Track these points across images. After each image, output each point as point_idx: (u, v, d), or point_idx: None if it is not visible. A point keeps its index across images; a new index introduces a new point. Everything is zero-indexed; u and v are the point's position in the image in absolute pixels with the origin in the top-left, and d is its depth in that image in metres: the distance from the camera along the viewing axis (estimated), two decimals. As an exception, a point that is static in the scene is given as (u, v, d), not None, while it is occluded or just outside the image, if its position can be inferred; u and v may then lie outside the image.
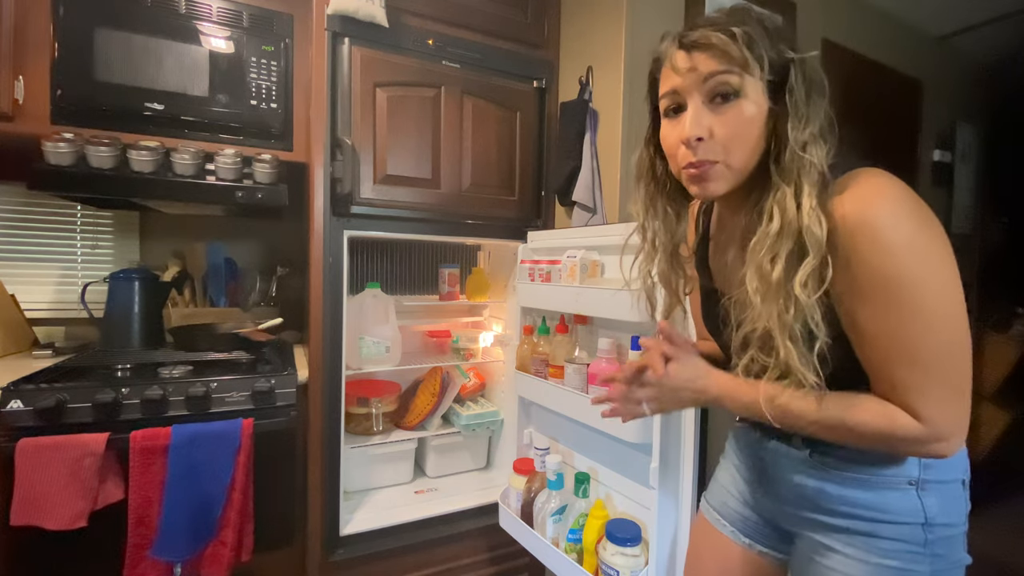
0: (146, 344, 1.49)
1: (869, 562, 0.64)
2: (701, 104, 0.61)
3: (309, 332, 1.31)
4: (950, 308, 0.54)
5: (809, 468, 0.69)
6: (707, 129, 0.61)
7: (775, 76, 0.59)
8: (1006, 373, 2.42)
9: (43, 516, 1.00)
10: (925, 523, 0.63)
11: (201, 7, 1.37)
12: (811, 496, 0.69)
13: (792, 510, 0.72)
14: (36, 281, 1.58)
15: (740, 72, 0.59)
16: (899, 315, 0.54)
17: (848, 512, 0.66)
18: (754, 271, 0.59)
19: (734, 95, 0.60)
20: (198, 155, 1.31)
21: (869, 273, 0.55)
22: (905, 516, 0.63)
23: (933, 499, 0.63)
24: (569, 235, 1.31)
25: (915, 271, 0.54)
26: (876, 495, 0.64)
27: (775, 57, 0.59)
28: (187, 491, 1.09)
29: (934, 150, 2.13)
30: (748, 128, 0.60)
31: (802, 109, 0.59)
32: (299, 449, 1.27)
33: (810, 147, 0.58)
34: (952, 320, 0.55)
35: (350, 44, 1.24)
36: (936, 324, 0.54)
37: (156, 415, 1.12)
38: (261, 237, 1.82)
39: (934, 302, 0.54)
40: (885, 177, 0.57)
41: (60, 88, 1.26)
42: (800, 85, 0.59)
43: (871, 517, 0.65)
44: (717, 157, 0.61)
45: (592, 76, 1.38)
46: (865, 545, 0.65)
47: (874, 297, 0.55)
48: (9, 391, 1.03)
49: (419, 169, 1.34)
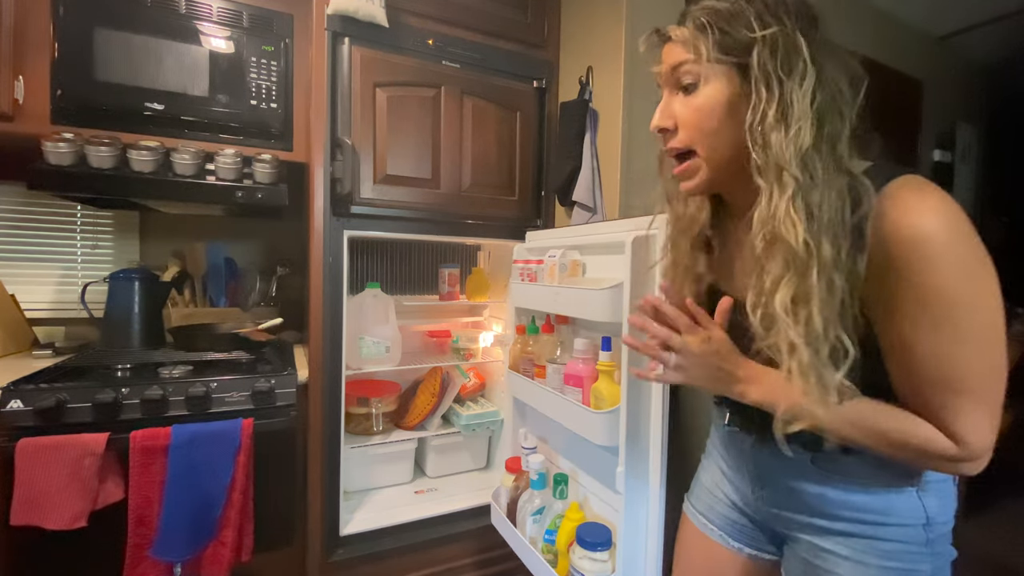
0: (146, 344, 1.49)
1: (871, 564, 0.63)
2: (669, 95, 0.62)
3: (309, 332, 1.31)
4: (998, 332, 0.52)
5: (809, 474, 0.67)
6: (671, 119, 0.61)
7: (737, 56, 0.56)
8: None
9: (43, 516, 1.00)
10: (927, 523, 0.63)
11: (201, 7, 1.37)
12: (811, 502, 0.68)
13: (790, 515, 0.71)
14: (36, 281, 1.58)
15: (696, 60, 0.58)
16: (953, 336, 0.51)
17: (850, 516, 0.65)
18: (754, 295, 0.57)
19: (694, 85, 0.59)
20: (198, 155, 1.31)
21: (922, 290, 0.51)
22: (907, 518, 0.63)
23: (932, 499, 0.63)
24: (563, 234, 1.30)
25: (970, 292, 0.51)
26: (878, 498, 0.64)
27: (733, 37, 0.56)
28: (187, 491, 1.09)
29: (934, 150, 2.13)
30: (709, 117, 0.58)
31: (762, 91, 0.54)
32: (299, 449, 1.27)
33: (774, 134, 0.53)
34: (999, 345, 0.52)
35: (350, 44, 1.24)
36: (986, 349, 0.52)
37: (156, 415, 1.11)
38: (261, 237, 1.82)
39: (984, 325, 0.51)
40: (935, 188, 0.53)
41: (60, 88, 1.26)
42: (765, 64, 0.54)
43: (873, 520, 0.64)
44: (685, 146, 0.61)
45: (592, 76, 1.38)
46: (867, 548, 0.64)
47: (924, 316, 0.51)
48: (9, 391, 1.03)
49: (419, 169, 1.34)
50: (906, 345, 0.54)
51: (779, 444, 0.60)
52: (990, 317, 0.51)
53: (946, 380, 0.53)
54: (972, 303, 0.51)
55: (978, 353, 0.52)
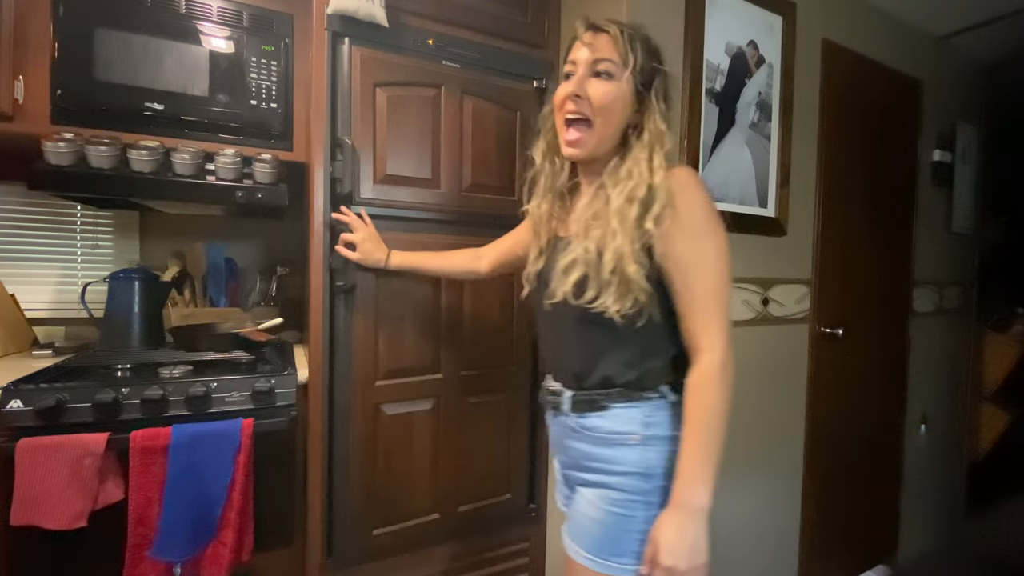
0: (146, 344, 1.49)
1: (601, 508, 0.81)
2: (585, 73, 0.80)
3: (309, 332, 1.31)
4: (727, 262, 0.77)
5: (575, 432, 0.86)
6: (585, 91, 0.79)
7: (645, 78, 0.80)
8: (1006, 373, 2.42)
9: (43, 516, 1.00)
10: (645, 473, 0.79)
11: (201, 7, 1.37)
12: (577, 456, 0.86)
13: (571, 472, 0.90)
14: (36, 281, 1.58)
15: (619, 62, 0.79)
16: (704, 241, 0.76)
17: (595, 467, 0.83)
18: (615, 209, 0.77)
19: (608, 76, 0.79)
20: (198, 155, 1.30)
21: (685, 212, 0.75)
22: (630, 466, 0.80)
23: (652, 453, 0.80)
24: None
25: (712, 221, 0.77)
26: (613, 451, 0.81)
27: (646, 63, 0.80)
28: (187, 491, 1.09)
29: (934, 150, 2.13)
30: (616, 103, 0.79)
31: (661, 106, 0.81)
32: (299, 449, 1.27)
33: (665, 134, 0.80)
34: (727, 268, 0.77)
35: (350, 44, 1.24)
36: (723, 255, 0.77)
37: (156, 415, 1.11)
38: (261, 237, 1.82)
39: (721, 249, 0.77)
40: (693, 170, 0.85)
41: (60, 88, 1.26)
42: (662, 88, 0.82)
43: (608, 470, 0.81)
44: (589, 115, 0.80)
45: (592, 76, 1.38)
46: (603, 495, 0.81)
47: (690, 229, 0.76)
48: (9, 391, 1.03)
49: (419, 169, 1.34)
50: (679, 253, 0.76)
51: (564, 413, 0.87)
52: (723, 246, 0.77)
53: (702, 293, 0.76)
54: (714, 229, 0.77)
55: (719, 254, 0.77)
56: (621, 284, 0.75)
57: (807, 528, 1.77)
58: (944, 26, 2.01)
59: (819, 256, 1.75)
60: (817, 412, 1.77)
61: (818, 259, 1.75)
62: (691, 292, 0.76)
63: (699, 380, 0.76)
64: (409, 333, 1.33)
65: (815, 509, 1.78)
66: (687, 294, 0.76)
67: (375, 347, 1.29)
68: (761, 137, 1.58)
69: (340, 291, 1.25)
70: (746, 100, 1.54)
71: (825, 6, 1.71)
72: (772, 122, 1.60)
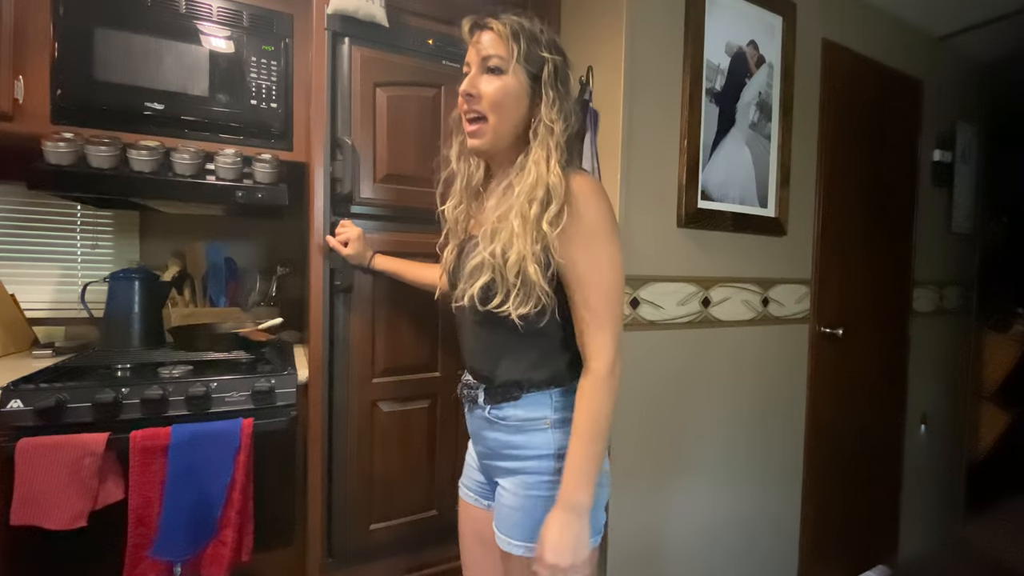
0: (146, 344, 1.49)
1: (520, 494, 0.83)
2: (477, 71, 0.83)
3: (309, 332, 1.30)
4: (619, 259, 0.80)
5: (491, 424, 0.88)
6: (477, 89, 0.82)
7: (533, 67, 0.81)
8: (1006, 373, 2.42)
9: (43, 516, 1.00)
10: (556, 454, 0.82)
11: (201, 7, 1.37)
12: (495, 446, 0.88)
13: (489, 462, 0.91)
14: (36, 281, 1.58)
15: (507, 56, 0.80)
16: (597, 249, 0.78)
17: (512, 455, 0.85)
18: (516, 210, 0.78)
19: (499, 71, 0.81)
20: (198, 155, 1.30)
21: (579, 218, 0.77)
22: (541, 449, 0.83)
23: (560, 434, 0.83)
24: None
25: (607, 228, 0.79)
26: (527, 436, 0.84)
27: (534, 53, 0.81)
28: (187, 491, 1.09)
29: (934, 150, 2.13)
30: (507, 97, 0.81)
31: (551, 94, 0.81)
32: (299, 449, 1.27)
33: (556, 123, 0.80)
34: (619, 266, 0.80)
35: (350, 44, 1.24)
36: (616, 263, 0.79)
37: (156, 415, 1.11)
38: (261, 237, 1.82)
39: (616, 247, 0.80)
40: (592, 176, 0.84)
41: (60, 88, 1.26)
42: (550, 77, 0.81)
43: (522, 456, 0.84)
44: (483, 111, 0.82)
45: (592, 76, 1.38)
46: (520, 482, 0.84)
47: (585, 236, 0.77)
48: (9, 391, 1.03)
49: (419, 169, 1.34)
50: (573, 257, 0.77)
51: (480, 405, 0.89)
52: (616, 256, 0.79)
53: (593, 301, 0.78)
54: (609, 238, 0.79)
55: (611, 264, 0.78)
56: (524, 286, 0.76)
57: (807, 528, 1.77)
58: (944, 26, 2.01)
59: (819, 256, 1.76)
60: (817, 412, 1.77)
61: (818, 259, 1.75)
62: (583, 299, 0.78)
63: (585, 388, 0.79)
64: (407, 332, 1.33)
65: (815, 509, 1.79)
66: (579, 300, 0.78)
67: (372, 345, 1.29)
68: (761, 137, 1.58)
69: (339, 291, 1.25)
70: (746, 100, 1.54)
71: (825, 6, 1.71)
72: (772, 122, 1.60)
